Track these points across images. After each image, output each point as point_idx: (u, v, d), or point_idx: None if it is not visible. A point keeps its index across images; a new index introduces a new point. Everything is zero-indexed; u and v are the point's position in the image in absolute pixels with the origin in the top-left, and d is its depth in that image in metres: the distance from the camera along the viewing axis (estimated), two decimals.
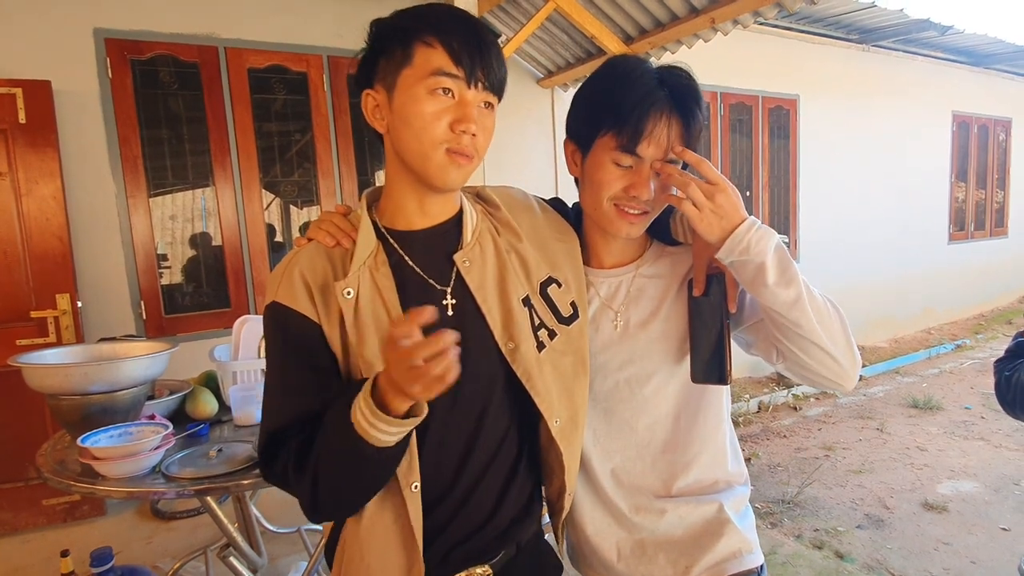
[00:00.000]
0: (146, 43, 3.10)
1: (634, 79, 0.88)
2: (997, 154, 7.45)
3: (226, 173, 3.33)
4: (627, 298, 0.99)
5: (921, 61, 6.26)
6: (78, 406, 1.54)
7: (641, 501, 0.99)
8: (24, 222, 2.78)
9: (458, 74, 0.79)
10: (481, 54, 0.80)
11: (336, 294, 0.82)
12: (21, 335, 2.78)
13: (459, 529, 0.89)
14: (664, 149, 0.88)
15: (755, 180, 5.28)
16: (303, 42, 3.45)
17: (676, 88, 0.89)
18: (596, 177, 0.92)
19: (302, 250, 0.87)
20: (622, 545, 1.00)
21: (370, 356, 0.82)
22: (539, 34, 3.77)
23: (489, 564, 0.91)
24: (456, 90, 0.80)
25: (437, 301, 0.87)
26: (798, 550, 2.62)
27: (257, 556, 1.89)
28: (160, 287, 3.24)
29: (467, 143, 0.81)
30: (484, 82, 0.81)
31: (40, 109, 2.77)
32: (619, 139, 0.88)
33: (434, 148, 0.81)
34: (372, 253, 0.85)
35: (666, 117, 0.87)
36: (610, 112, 0.88)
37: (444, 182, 0.83)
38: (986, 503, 2.98)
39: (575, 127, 0.97)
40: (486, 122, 0.84)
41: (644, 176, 0.89)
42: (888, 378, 5.19)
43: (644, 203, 0.90)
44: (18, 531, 2.83)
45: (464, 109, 0.80)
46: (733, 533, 0.97)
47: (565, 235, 1.00)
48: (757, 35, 4.94)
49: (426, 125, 0.80)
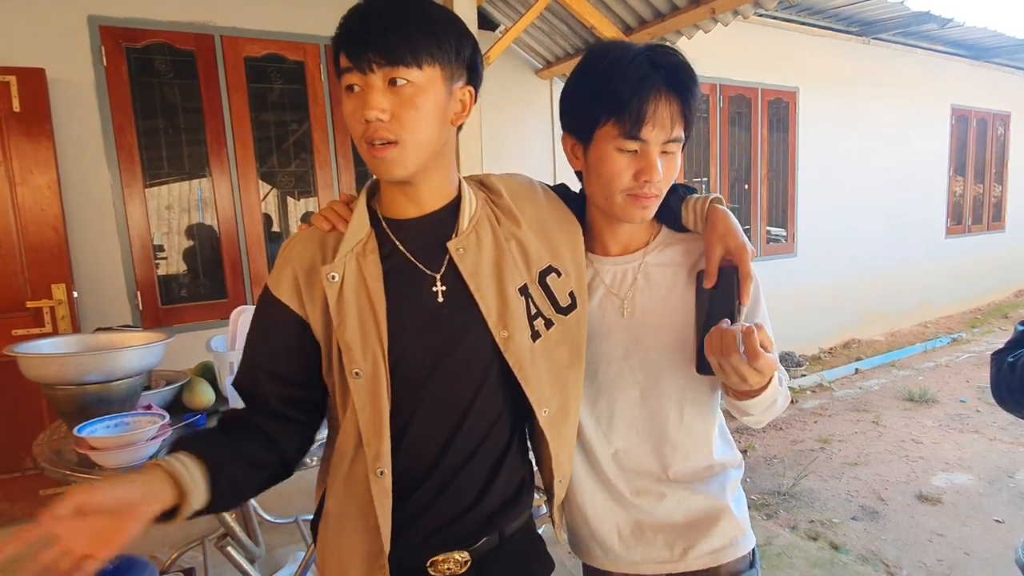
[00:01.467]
0: (141, 31, 3.07)
1: (626, 63, 0.87)
2: (996, 148, 7.45)
3: (222, 163, 3.31)
4: (634, 286, 0.98)
5: (921, 54, 6.24)
6: (74, 396, 1.54)
7: (642, 484, 1.00)
8: (19, 212, 2.76)
9: (350, 65, 0.78)
10: (368, 32, 0.77)
11: (321, 277, 0.84)
12: (17, 325, 2.77)
13: (440, 513, 0.89)
14: (667, 129, 0.88)
15: (754, 173, 5.27)
16: (300, 31, 3.42)
17: (669, 67, 0.88)
18: (603, 169, 0.91)
19: (297, 236, 0.91)
20: (622, 527, 1.01)
21: (349, 339, 0.84)
22: (538, 24, 3.74)
23: (468, 550, 0.90)
24: (358, 82, 0.79)
25: (427, 287, 0.87)
26: (793, 541, 2.64)
27: (255, 546, 1.90)
28: (156, 277, 3.22)
29: (376, 128, 0.78)
30: (379, 59, 0.76)
31: (34, 97, 2.74)
32: (621, 126, 0.87)
33: (360, 144, 0.82)
34: (362, 240, 0.86)
35: (664, 97, 0.87)
36: (608, 100, 0.88)
37: (380, 175, 0.85)
38: (980, 495, 3.01)
39: (572, 120, 0.95)
40: (402, 98, 0.78)
41: (652, 159, 0.88)
42: (884, 371, 5.21)
43: (656, 185, 0.90)
44: (15, 521, 2.83)
45: (363, 96, 0.78)
46: (730, 519, 0.99)
47: (568, 224, 0.99)
48: (757, 27, 4.92)
49: (351, 125, 0.81)
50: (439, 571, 0.89)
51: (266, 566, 2.28)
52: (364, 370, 0.83)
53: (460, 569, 0.90)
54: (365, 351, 0.83)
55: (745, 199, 5.31)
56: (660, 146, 0.89)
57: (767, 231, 5.42)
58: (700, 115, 4.95)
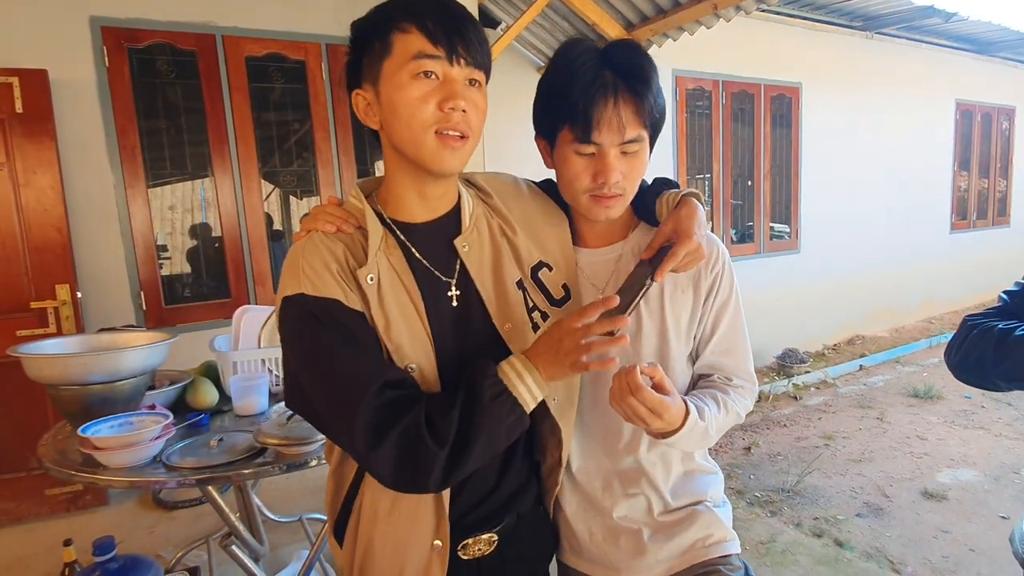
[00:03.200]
0: (143, 31, 3.07)
1: (577, 67, 0.87)
2: (1000, 143, 7.40)
3: (225, 163, 3.31)
4: (611, 278, 0.99)
5: (925, 49, 6.21)
6: (78, 396, 1.54)
7: (614, 486, 1.00)
8: (23, 213, 2.77)
9: (438, 53, 0.79)
10: (459, 30, 0.80)
11: (360, 280, 0.82)
12: (21, 326, 2.78)
13: (466, 500, 0.92)
14: (621, 131, 0.87)
15: (757, 169, 5.25)
16: (301, 30, 3.41)
17: (621, 66, 0.87)
18: (565, 172, 0.93)
19: (308, 241, 0.85)
20: (595, 529, 1.02)
21: (396, 337, 0.83)
22: (539, 21, 3.73)
23: (495, 531, 0.95)
24: (439, 70, 0.80)
25: (443, 292, 0.89)
26: (797, 538, 2.63)
27: (259, 545, 1.90)
28: (160, 277, 3.23)
29: (458, 120, 0.81)
30: (466, 57, 0.80)
31: (37, 98, 2.75)
32: (574, 131, 0.88)
33: (425, 132, 0.81)
34: (382, 239, 0.86)
35: (617, 99, 0.86)
36: (561, 105, 0.88)
37: (440, 167, 0.83)
38: (985, 492, 2.99)
39: (539, 123, 0.96)
40: (476, 99, 0.83)
41: (608, 162, 0.89)
42: (888, 367, 5.19)
43: (614, 186, 0.90)
44: (21, 521, 2.84)
45: (450, 86, 0.80)
46: (708, 522, 1.00)
47: (554, 218, 1.01)
48: (760, 22, 4.89)
49: (414, 110, 0.80)
50: (469, 553, 0.93)
51: (270, 565, 2.29)
52: (419, 362, 0.84)
53: (489, 548, 0.94)
54: (415, 345, 0.84)
55: (748, 195, 5.29)
56: (617, 147, 0.88)
57: (771, 227, 5.40)
58: (701, 111, 4.94)
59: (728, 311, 0.99)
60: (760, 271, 5.17)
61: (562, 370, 0.80)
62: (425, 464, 0.77)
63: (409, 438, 0.77)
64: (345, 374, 0.79)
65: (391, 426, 0.77)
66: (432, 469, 0.77)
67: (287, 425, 1.42)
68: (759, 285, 5.09)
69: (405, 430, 0.77)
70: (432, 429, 0.77)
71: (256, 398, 1.70)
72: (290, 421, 1.44)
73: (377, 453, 0.77)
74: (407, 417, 0.77)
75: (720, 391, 0.97)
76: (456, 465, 0.78)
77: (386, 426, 0.77)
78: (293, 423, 1.43)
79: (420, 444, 0.76)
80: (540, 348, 0.82)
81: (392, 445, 0.76)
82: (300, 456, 1.39)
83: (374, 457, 0.77)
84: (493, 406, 0.79)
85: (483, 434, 0.78)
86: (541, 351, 0.82)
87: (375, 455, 0.77)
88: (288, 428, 1.41)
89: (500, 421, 0.79)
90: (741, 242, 5.22)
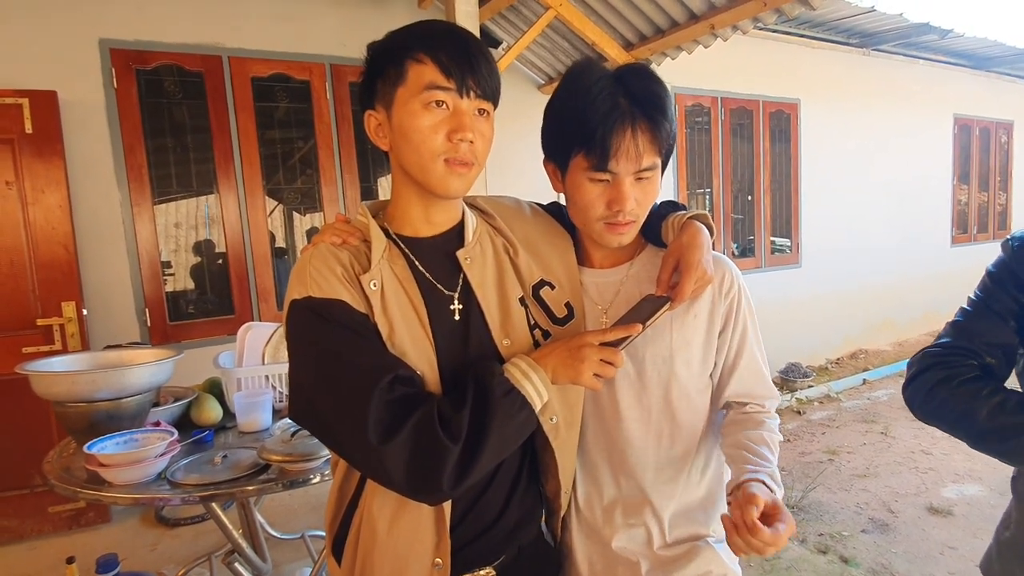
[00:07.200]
0: (151, 53, 3.13)
1: (594, 94, 0.86)
2: (1000, 157, 7.44)
3: (230, 180, 3.35)
4: (616, 299, 0.98)
5: (922, 65, 6.26)
6: (84, 413, 1.56)
7: (615, 514, 0.98)
8: (30, 231, 2.81)
9: (449, 86, 0.82)
10: (470, 64, 0.83)
11: (364, 286, 0.84)
12: (27, 343, 2.80)
13: (468, 529, 0.90)
14: (638, 160, 0.87)
15: (756, 184, 5.29)
16: (306, 51, 3.48)
17: (637, 93, 0.87)
18: (578, 198, 0.92)
19: (315, 250, 0.87)
20: (594, 558, 1.00)
21: (400, 346, 0.84)
22: (540, 41, 3.79)
23: (492, 567, 0.93)
24: (449, 101, 0.83)
25: (445, 306, 0.90)
26: (802, 555, 2.61)
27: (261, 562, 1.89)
28: (164, 294, 3.25)
29: (465, 151, 0.84)
30: (476, 90, 0.84)
31: (46, 119, 2.80)
32: (589, 159, 0.87)
33: (433, 160, 0.84)
34: (385, 248, 0.88)
35: (634, 128, 0.86)
36: (576, 131, 0.88)
37: (446, 191, 0.86)
38: (991, 507, 2.97)
39: (549, 148, 0.96)
40: (483, 128, 0.86)
41: (623, 190, 0.88)
42: (892, 381, 5.17)
43: (629, 213, 0.90)
44: (24, 538, 2.84)
45: (459, 119, 0.83)
46: (708, 558, 0.97)
47: (557, 238, 1.02)
48: (758, 40, 4.96)
49: (424, 138, 0.83)
50: None
51: None
52: (422, 370, 0.85)
53: None
54: (418, 352, 0.85)
55: (749, 210, 5.32)
56: (632, 175, 0.88)
57: (771, 241, 5.42)
58: (701, 127, 4.98)
59: (748, 337, 0.98)
60: (761, 285, 5.18)
61: (571, 374, 0.83)
62: (439, 461, 0.75)
63: (422, 432, 0.76)
64: (355, 369, 0.79)
65: (403, 421, 0.76)
66: (445, 466, 0.75)
67: (291, 441, 1.43)
68: (761, 299, 5.05)
69: (417, 424, 0.76)
70: (445, 424, 0.76)
71: (260, 415, 1.71)
72: (294, 437, 1.45)
73: (389, 448, 0.75)
74: (419, 412, 0.77)
75: (765, 430, 0.94)
76: (469, 463, 0.77)
77: (399, 420, 0.76)
78: (297, 439, 1.44)
79: (433, 439, 0.75)
80: (550, 351, 0.85)
81: (405, 440, 0.75)
82: (304, 473, 1.40)
83: (386, 452, 0.75)
84: (503, 403, 0.79)
85: (494, 431, 0.78)
86: (551, 353, 0.85)
87: (387, 450, 0.75)
88: (292, 444, 1.42)
89: (510, 418, 0.80)
90: (742, 256, 5.24)
